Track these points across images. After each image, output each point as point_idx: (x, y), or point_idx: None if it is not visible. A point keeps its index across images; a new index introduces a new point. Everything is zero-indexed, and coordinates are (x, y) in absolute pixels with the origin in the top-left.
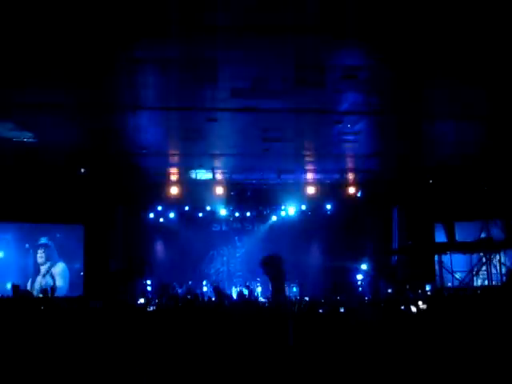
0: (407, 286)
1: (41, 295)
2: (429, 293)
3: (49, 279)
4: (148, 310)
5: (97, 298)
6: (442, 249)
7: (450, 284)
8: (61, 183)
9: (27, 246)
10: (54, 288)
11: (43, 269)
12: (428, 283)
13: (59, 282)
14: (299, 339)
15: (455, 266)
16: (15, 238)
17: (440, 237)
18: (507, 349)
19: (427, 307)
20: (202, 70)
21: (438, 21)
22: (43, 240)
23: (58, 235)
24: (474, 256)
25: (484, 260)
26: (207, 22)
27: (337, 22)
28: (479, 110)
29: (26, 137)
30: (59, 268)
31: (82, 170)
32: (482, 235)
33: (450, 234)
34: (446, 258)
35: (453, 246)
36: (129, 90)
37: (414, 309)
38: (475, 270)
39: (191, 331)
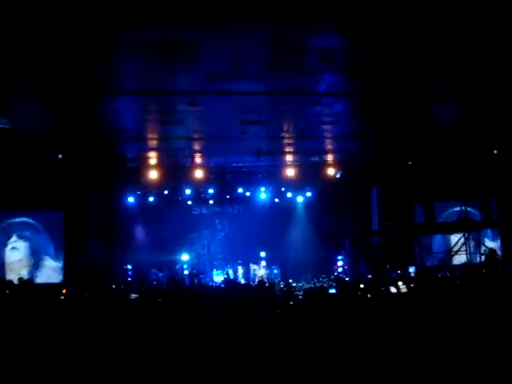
0: (387, 267)
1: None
2: (412, 274)
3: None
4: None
5: (78, 284)
6: (422, 230)
7: (429, 264)
8: (39, 170)
9: None
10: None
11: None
12: (410, 265)
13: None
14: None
15: (434, 247)
16: None
17: (419, 218)
18: (490, 328)
19: (410, 288)
20: (179, 53)
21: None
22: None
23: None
24: (453, 236)
25: (463, 240)
26: (182, 3)
27: (313, 2)
28: (456, 88)
29: (1, 123)
30: None
31: (60, 156)
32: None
33: (429, 214)
34: (424, 239)
35: (433, 227)
36: (106, 74)
37: (393, 289)
38: (454, 250)
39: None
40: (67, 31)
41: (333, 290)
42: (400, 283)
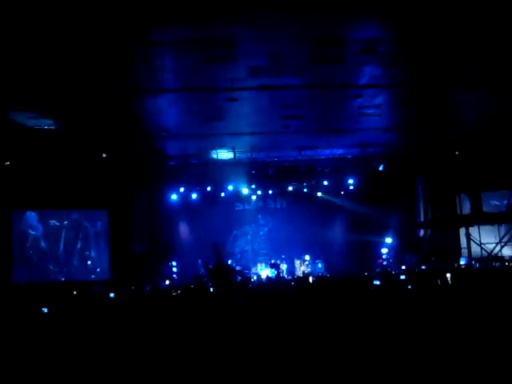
0: (432, 259)
1: None
2: (462, 266)
3: None
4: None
5: (124, 282)
6: (469, 220)
7: (477, 255)
8: (83, 170)
9: None
10: None
11: None
12: (458, 256)
13: None
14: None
15: (483, 238)
16: None
17: (466, 208)
18: None
19: (456, 280)
20: (219, 49)
21: None
22: None
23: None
24: (502, 227)
25: None
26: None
27: None
28: (502, 78)
29: (47, 124)
30: None
31: (104, 155)
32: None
33: (476, 204)
34: (473, 230)
35: (479, 217)
36: (148, 73)
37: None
38: (504, 241)
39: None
40: (109, 32)
41: (377, 282)
42: (448, 275)
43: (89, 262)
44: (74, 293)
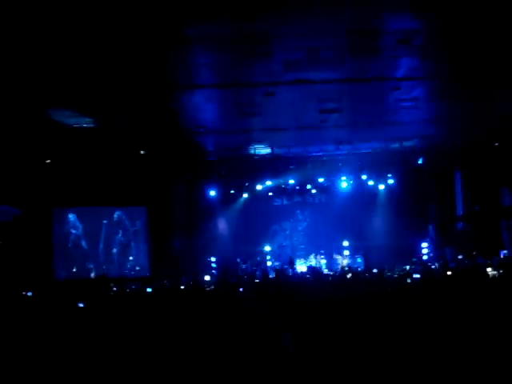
0: (474, 253)
1: None
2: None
3: None
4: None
5: (164, 278)
6: (509, 213)
7: None
8: (121, 166)
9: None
10: None
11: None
12: (498, 250)
13: None
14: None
15: None
16: None
17: (507, 201)
18: None
19: (500, 274)
20: (254, 44)
21: None
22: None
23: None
24: None
25: None
26: None
27: None
28: None
29: (86, 122)
30: None
31: (142, 152)
32: None
33: None
34: None
35: None
36: (184, 69)
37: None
38: None
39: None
40: (146, 28)
41: (417, 275)
42: (489, 269)
43: (130, 258)
44: (114, 289)
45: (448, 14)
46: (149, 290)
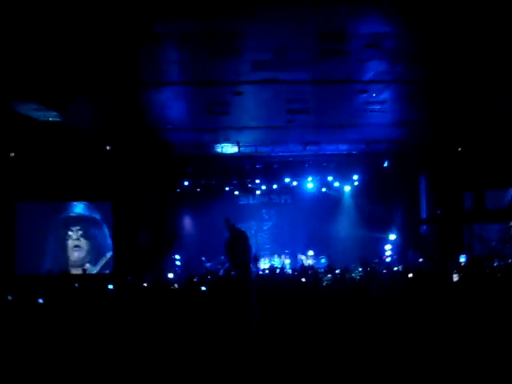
0: (436, 257)
1: None
2: (462, 263)
3: None
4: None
5: (127, 274)
6: (472, 217)
7: (479, 253)
8: (87, 161)
9: None
10: None
11: None
12: (460, 253)
13: None
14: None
15: (487, 236)
16: None
17: (470, 206)
18: None
19: (462, 278)
20: (223, 43)
21: None
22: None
23: None
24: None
25: None
26: None
27: None
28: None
29: (51, 116)
30: None
31: (108, 148)
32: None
33: (480, 202)
34: (477, 227)
35: (483, 215)
36: (152, 66)
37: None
38: (506, 238)
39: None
40: (114, 24)
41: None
42: (455, 275)
43: None
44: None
45: (416, 18)
46: (110, 286)
